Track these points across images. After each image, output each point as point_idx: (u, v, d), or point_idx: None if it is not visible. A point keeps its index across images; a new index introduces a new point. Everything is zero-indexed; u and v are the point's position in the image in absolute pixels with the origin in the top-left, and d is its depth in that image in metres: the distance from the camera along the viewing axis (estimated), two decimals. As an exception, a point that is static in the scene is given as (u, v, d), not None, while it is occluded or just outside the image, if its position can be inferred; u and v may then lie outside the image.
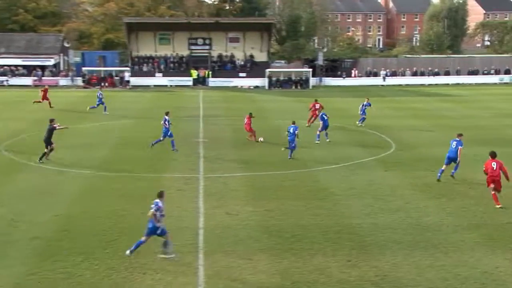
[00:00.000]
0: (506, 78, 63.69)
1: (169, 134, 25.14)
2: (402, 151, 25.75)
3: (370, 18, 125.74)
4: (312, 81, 60.55)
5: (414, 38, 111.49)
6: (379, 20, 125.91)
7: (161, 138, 25.08)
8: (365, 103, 32.81)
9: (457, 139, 20.30)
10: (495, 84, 62.33)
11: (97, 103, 36.94)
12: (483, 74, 64.86)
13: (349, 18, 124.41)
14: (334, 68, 67.39)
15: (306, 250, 14.06)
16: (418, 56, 71.85)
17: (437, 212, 16.93)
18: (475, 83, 62.89)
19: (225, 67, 61.15)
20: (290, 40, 73.43)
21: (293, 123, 24.59)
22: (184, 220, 15.95)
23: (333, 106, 31.57)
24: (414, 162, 23.54)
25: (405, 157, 24.53)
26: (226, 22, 62.92)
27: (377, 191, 19.32)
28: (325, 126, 27.59)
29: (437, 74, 64.67)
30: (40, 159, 22.12)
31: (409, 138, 29.06)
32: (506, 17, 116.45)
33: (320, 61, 64.08)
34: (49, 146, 22.24)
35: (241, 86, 58.01)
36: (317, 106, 31.79)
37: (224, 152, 25.15)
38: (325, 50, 68.88)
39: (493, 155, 17.54)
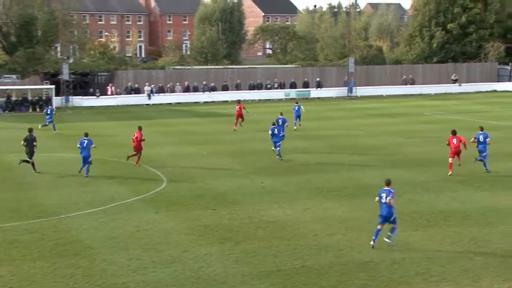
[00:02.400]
0: (293, 93, 70.27)
1: None
2: (175, 186, 26.47)
3: (128, 20, 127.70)
4: (57, 101, 59.07)
5: (184, 45, 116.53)
6: (139, 23, 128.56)
7: None
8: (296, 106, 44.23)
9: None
10: (280, 100, 68.27)
11: None
12: (267, 88, 70.53)
13: (100, 20, 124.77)
14: (85, 84, 66.73)
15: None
16: (190, 67, 75.20)
17: (221, 260, 17.68)
18: (259, 99, 68.05)
19: None
20: (23, 48, 70.53)
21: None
22: None
23: (93, 133, 31.32)
24: (191, 199, 24.37)
25: (179, 194, 25.27)
26: None
27: (146, 240, 19.50)
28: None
29: (213, 89, 68.37)
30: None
31: (183, 170, 30.08)
32: (287, 21, 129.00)
33: (65, 75, 62.87)
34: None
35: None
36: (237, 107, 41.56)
37: None
38: (71, 61, 67.73)
39: (454, 132, 27.75)
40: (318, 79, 72.26)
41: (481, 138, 28.33)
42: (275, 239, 19.42)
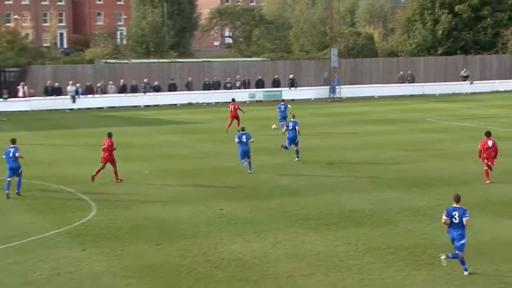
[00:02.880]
0: (259, 93, 70.59)
1: None
2: (108, 216, 26.35)
3: (45, 0, 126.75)
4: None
5: (119, 33, 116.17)
6: (59, 3, 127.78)
7: None
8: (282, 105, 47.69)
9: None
10: (244, 103, 68.41)
11: None
12: (226, 88, 70.70)
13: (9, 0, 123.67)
14: (-13, 83, 66.04)
15: None
16: (126, 61, 75.00)
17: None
18: (216, 102, 68.15)
19: None
20: None
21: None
22: None
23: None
24: (129, 232, 24.27)
25: (113, 225, 25.15)
26: None
27: (69, 285, 19.37)
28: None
29: (157, 89, 68.34)
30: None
31: (118, 194, 30.02)
32: (252, 2, 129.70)
33: (-39, 71, 62.15)
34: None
35: None
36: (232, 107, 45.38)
37: None
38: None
39: (488, 134, 31.45)
40: (291, 76, 72.75)
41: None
42: (237, 282, 19.44)
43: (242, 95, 69.59)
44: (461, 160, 36.47)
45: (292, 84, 72.17)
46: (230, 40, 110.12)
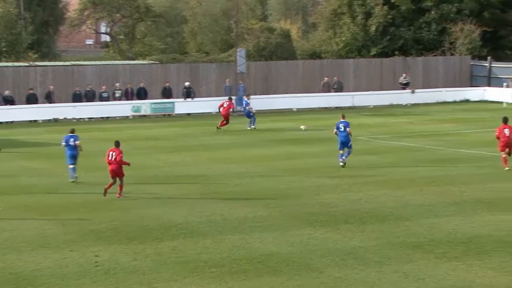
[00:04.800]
0: (146, 106, 70.34)
1: None
2: None
3: None
4: None
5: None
6: None
7: None
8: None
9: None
10: (126, 118, 68.10)
11: None
12: (103, 99, 70.21)
13: None
14: None
15: None
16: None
17: None
18: (89, 118, 67.57)
19: None
20: None
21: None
22: None
23: None
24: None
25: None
26: None
27: None
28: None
29: (10, 101, 67.28)
30: None
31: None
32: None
33: None
34: None
35: None
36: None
37: None
38: None
39: (505, 120, 39.88)
40: (187, 83, 72.77)
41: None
42: None
43: (123, 108, 69.23)
44: (401, 189, 37.03)
45: (188, 94, 72.08)
46: (107, 38, 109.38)
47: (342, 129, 42.40)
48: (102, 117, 68.08)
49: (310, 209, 33.33)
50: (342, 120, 42.84)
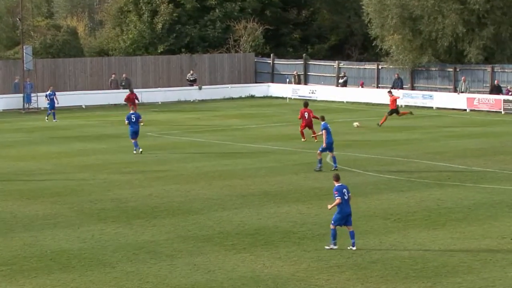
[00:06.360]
0: None
1: None
2: None
3: None
4: None
5: None
6: None
7: None
8: None
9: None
10: None
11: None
12: None
13: None
14: None
15: None
16: None
17: None
18: None
19: None
20: None
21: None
22: None
23: None
24: None
25: None
26: None
27: None
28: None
29: None
30: None
31: None
32: None
33: None
34: None
35: None
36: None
37: None
38: None
39: (305, 105, 49.19)
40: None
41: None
42: None
43: None
44: (191, 183, 37.31)
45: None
46: None
47: (134, 119, 45.85)
48: None
49: (102, 205, 33.15)
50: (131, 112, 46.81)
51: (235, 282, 22.89)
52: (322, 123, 39.99)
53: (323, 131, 39.37)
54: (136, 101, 61.40)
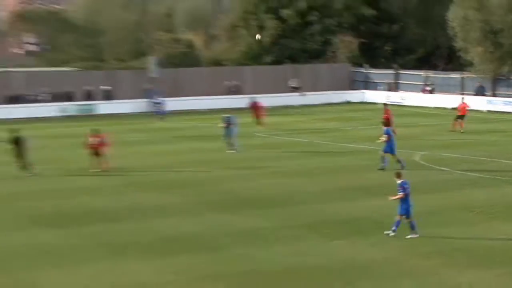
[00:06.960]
0: (71, 107, 69.73)
1: None
2: None
3: None
4: None
5: None
6: None
7: None
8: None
9: None
10: (54, 118, 67.17)
11: None
12: (30, 101, 69.45)
13: None
14: None
15: None
16: None
17: None
18: (21, 118, 66.60)
19: None
20: None
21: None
22: None
23: None
24: None
25: None
26: None
27: None
28: None
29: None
30: None
31: None
32: (57, 5, 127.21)
33: None
34: None
35: None
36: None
37: None
38: None
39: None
40: (107, 87, 72.52)
41: None
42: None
43: (50, 109, 68.74)
44: (295, 178, 37.54)
45: (108, 96, 72.03)
46: (34, 48, 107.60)
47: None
48: (32, 117, 66.72)
49: (217, 197, 33.49)
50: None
51: (334, 264, 23.19)
52: (385, 128, 39.63)
53: (386, 135, 39.08)
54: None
